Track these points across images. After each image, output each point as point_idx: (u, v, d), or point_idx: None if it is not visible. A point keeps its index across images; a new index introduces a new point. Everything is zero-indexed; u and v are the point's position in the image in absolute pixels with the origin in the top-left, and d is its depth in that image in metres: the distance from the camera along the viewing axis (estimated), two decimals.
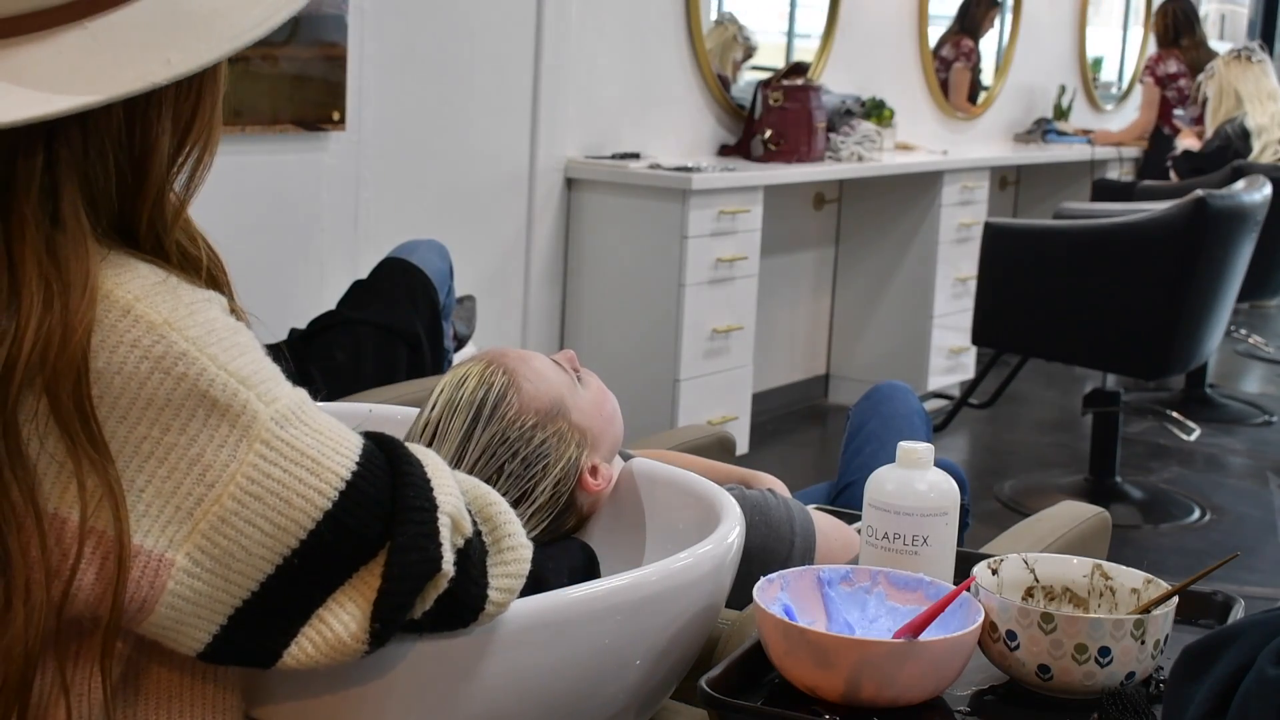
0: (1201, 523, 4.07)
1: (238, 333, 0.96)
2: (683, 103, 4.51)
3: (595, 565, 1.45)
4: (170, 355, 0.91)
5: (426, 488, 1.00)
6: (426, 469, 1.02)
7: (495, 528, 1.05)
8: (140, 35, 0.92)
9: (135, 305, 0.91)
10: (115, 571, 0.90)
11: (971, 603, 1.25)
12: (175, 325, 0.92)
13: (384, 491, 0.98)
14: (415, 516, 0.98)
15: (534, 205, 3.94)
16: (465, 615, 1.03)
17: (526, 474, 1.44)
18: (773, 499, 1.61)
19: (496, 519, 1.06)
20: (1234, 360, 6.45)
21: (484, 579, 1.03)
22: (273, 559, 0.94)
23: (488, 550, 1.04)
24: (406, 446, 1.04)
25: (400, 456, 1.01)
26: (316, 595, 0.97)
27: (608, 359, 3.86)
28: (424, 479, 1.00)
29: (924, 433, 2.18)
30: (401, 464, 1.00)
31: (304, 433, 0.96)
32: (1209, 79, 5.78)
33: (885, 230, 5.17)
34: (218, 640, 0.95)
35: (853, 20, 5.24)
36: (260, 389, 0.94)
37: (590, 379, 1.55)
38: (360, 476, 0.97)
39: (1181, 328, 3.75)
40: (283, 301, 3.21)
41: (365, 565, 0.97)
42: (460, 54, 3.66)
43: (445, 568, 0.99)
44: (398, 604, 0.98)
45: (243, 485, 0.92)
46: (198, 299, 0.95)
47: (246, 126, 3.09)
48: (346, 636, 0.97)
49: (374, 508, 0.97)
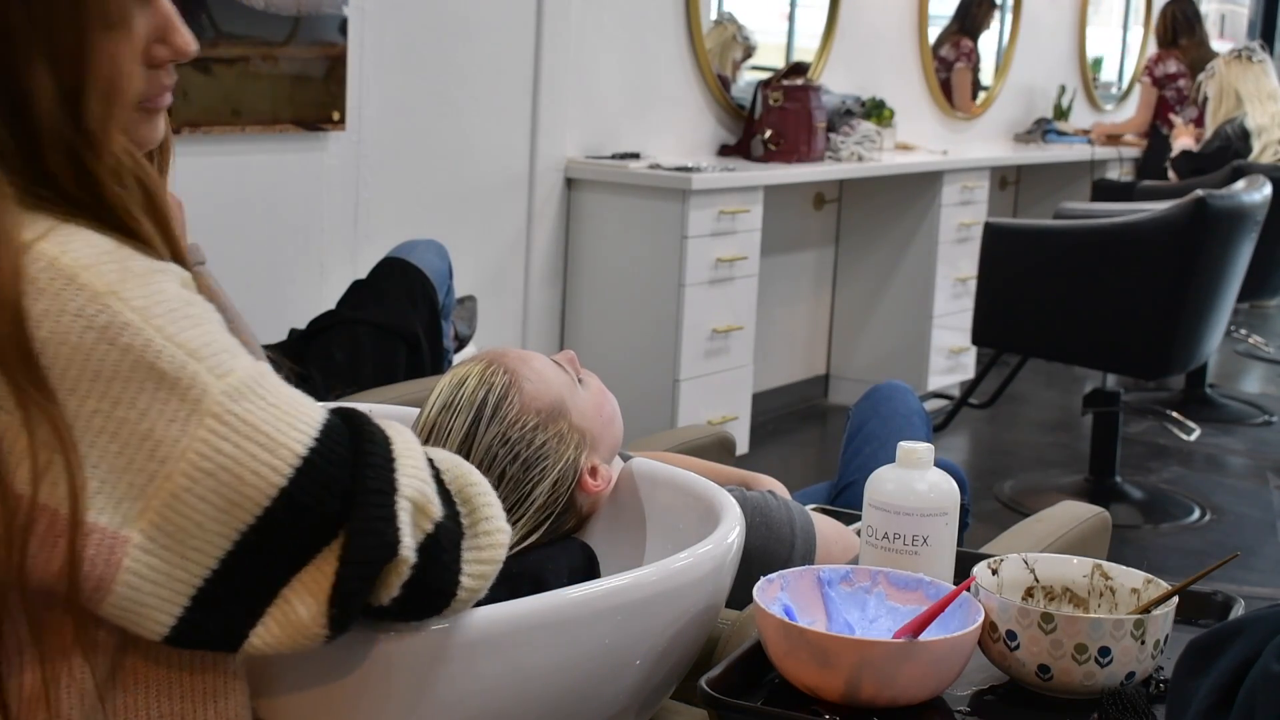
0: (1201, 523, 4.07)
1: (190, 304, 0.94)
2: (683, 103, 4.51)
3: (595, 565, 1.45)
4: (114, 325, 0.89)
5: (388, 469, 0.97)
6: (393, 448, 0.99)
7: (473, 510, 1.03)
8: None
9: (81, 273, 0.89)
10: (70, 539, 0.89)
11: (971, 603, 1.25)
12: (121, 294, 0.90)
13: (343, 470, 0.95)
14: (372, 499, 0.95)
15: (534, 205, 3.94)
16: (437, 602, 1.01)
17: (525, 476, 1.44)
18: (773, 500, 1.61)
19: (475, 500, 1.04)
20: (1234, 360, 6.45)
21: (456, 564, 1.01)
22: (230, 535, 0.92)
23: (464, 534, 1.02)
24: (375, 424, 1.01)
25: (364, 434, 0.98)
26: (279, 575, 0.94)
27: (608, 359, 3.86)
28: (386, 459, 0.98)
29: (924, 433, 2.18)
30: (364, 442, 0.98)
31: (258, 407, 0.93)
32: (1209, 79, 5.78)
33: (885, 230, 5.17)
34: (182, 623, 0.93)
35: (853, 20, 5.24)
36: (211, 361, 0.92)
37: (590, 380, 1.55)
38: (318, 454, 0.94)
39: (1181, 328, 3.75)
40: (283, 301, 3.21)
41: (328, 545, 0.95)
42: (460, 54, 3.66)
43: (404, 553, 0.96)
44: (353, 589, 0.95)
45: (194, 461, 0.90)
46: (152, 269, 0.93)
47: (246, 126, 3.09)
48: (307, 619, 0.95)
49: (332, 486, 0.95)
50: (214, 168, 3.07)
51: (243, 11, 3.02)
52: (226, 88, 3.02)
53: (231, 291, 2.43)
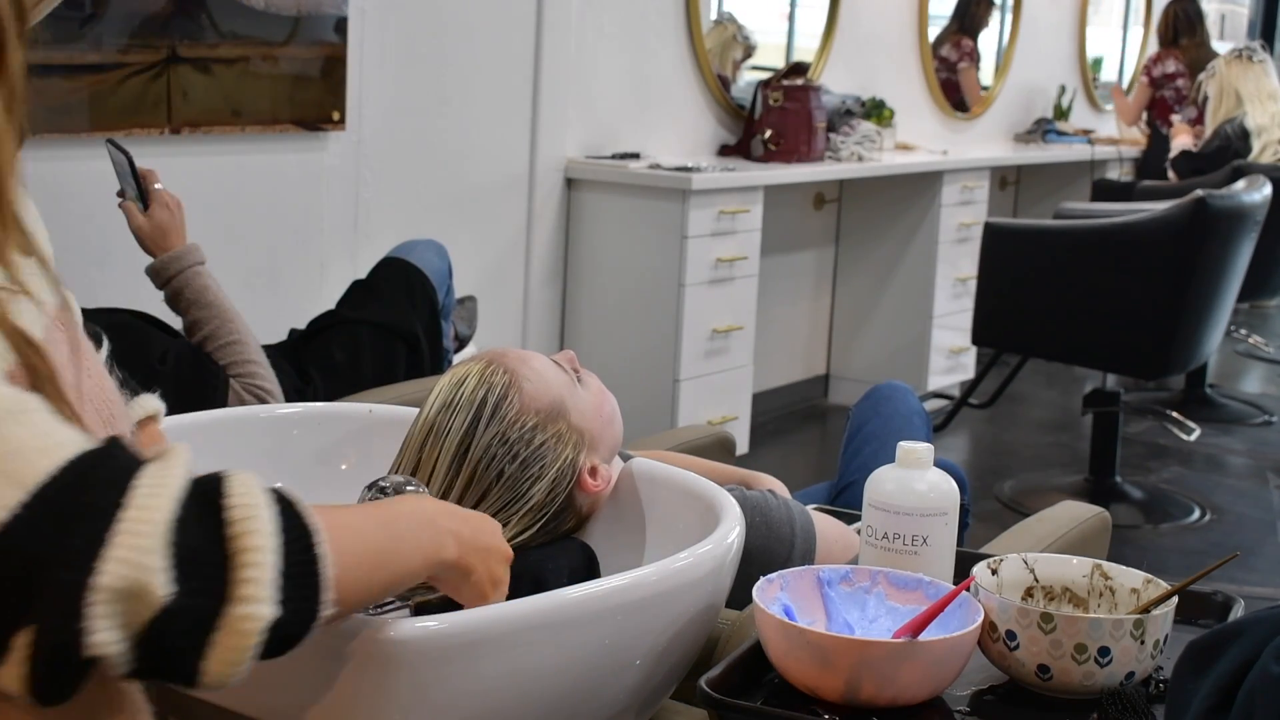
0: (1201, 523, 4.07)
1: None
2: (683, 103, 4.51)
3: (595, 565, 1.45)
4: None
5: (92, 547, 0.82)
6: (119, 518, 0.83)
7: (235, 579, 0.86)
8: None
9: None
10: None
11: (971, 603, 1.25)
12: None
13: (43, 545, 0.81)
14: (58, 590, 0.81)
15: (534, 205, 3.94)
16: (181, 681, 0.87)
17: (523, 475, 1.44)
18: (773, 500, 1.61)
19: (242, 567, 0.87)
20: (1234, 360, 6.45)
21: (195, 648, 0.85)
22: None
23: (215, 609, 0.86)
24: (122, 483, 0.85)
25: (82, 504, 0.83)
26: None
27: (608, 359, 3.86)
28: (96, 537, 0.82)
29: (924, 433, 2.18)
30: (75, 516, 0.82)
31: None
32: (1209, 78, 5.78)
33: (885, 230, 5.17)
34: None
35: (853, 20, 5.24)
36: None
37: (590, 379, 1.55)
38: (23, 521, 0.81)
39: (1181, 328, 3.75)
40: (283, 301, 3.21)
41: (20, 627, 0.82)
42: (460, 54, 3.66)
43: (98, 651, 0.82)
44: (44, 687, 0.83)
45: None
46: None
47: (246, 126, 3.09)
48: (17, 690, 0.83)
49: (20, 563, 0.81)
50: (214, 168, 3.07)
51: (243, 11, 3.02)
52: (226, 88, 3.02)
53: (231, 291, 2.45)
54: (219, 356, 2.31)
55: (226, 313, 2.34)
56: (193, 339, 2.34)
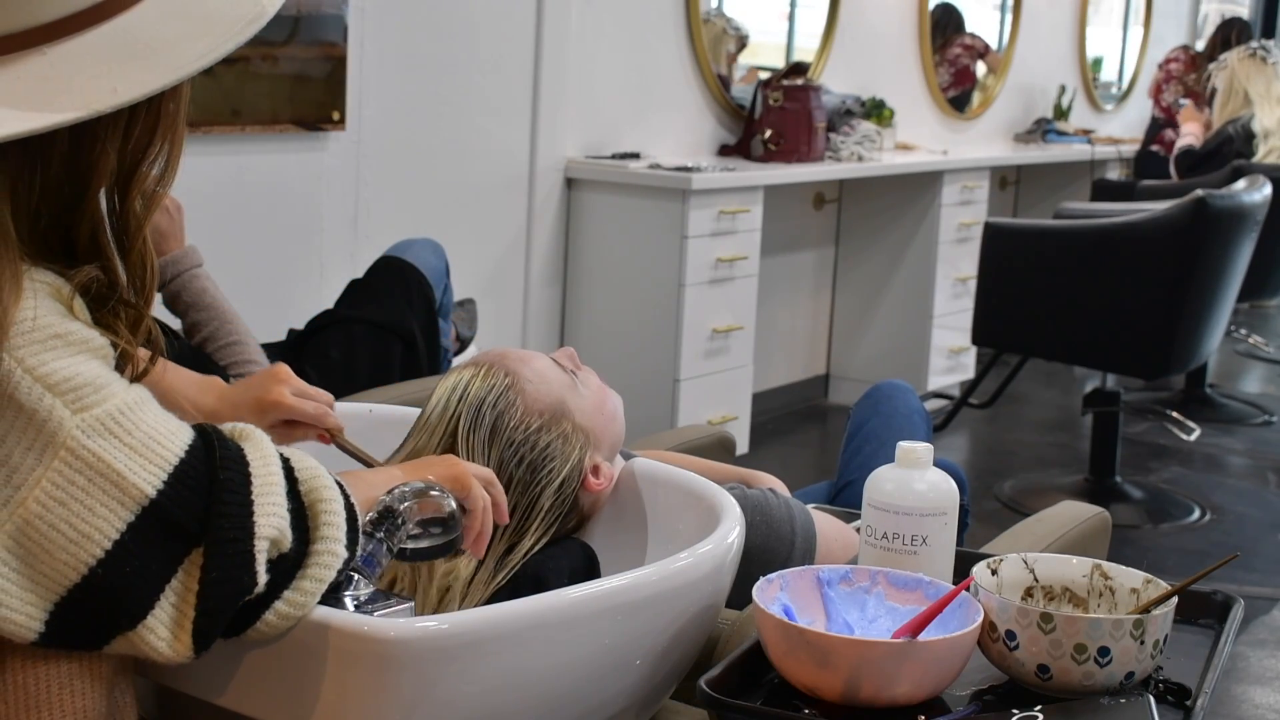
0: (1201, 523, 4.07)
1: (66, 337, 0.97)
2: (683, 103, 4.51)
3: (595, 565, 1.45)
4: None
5: (245, 512, 1.01)
6: (253, 487, 1.03)
7: (316, 526, 1.07)
8: (93, 63, 0.95)
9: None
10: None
11: (971, 603, 1.25)
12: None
13: (193, 514, 1.00)
14: (228, 549, 1.00)
15: (534, 205, 3.94)
16: (240, 626, 1.05)
17: (533, 479, 1.44)
18: (773, 499, 1.61)
19: (320, 517, 1.07)
20: (1234, 360, 6.45)
21: (279, 589, 1.05)
22: (78, 568, 0.96)
23: (304, 556, 1.06)
24: (241, 458, 1.04)
25: (219, 481, 1.01)
26: (134, 606, 0.98)
27: (608, 359, 3.86)
28: (244, 503, 1.02)
29: (924, 432, 2.18)
30: (220, 489, 1.01)
31: (112, 446, 0.97)
32: (1220, 70, 5.73)
33: (885, 230, 5.17)
34: (49, 631, 0.98)
35: (853, 20, 5.24)
36: (70, 396, 0.96)
37: (590, 377, 1.54)
38: (167, 496, 0.98)
39: (1181, 328, 3.75)
40: (282, 301, 3.21)
41: (178, 578, 1.00)
42: (460, 54, 3.66)
43: (260, 588, 1.02)
44: (210, 629, 1.00)
45: (48, 491, 0.95)
46: (41, 304, 0.97)
47: (246, 126, 3.09)
48: (165, 649, 1.00)
49: (177, 529, 0.99)
50: (214, 168, 3.07)
51: None
52: (226, 88, 3.02)
53: (231, 291, 2.45)
54: (219, 357, 2.31)
55: (226, 314, 2.34)
56: (193, 340, 2.34)
